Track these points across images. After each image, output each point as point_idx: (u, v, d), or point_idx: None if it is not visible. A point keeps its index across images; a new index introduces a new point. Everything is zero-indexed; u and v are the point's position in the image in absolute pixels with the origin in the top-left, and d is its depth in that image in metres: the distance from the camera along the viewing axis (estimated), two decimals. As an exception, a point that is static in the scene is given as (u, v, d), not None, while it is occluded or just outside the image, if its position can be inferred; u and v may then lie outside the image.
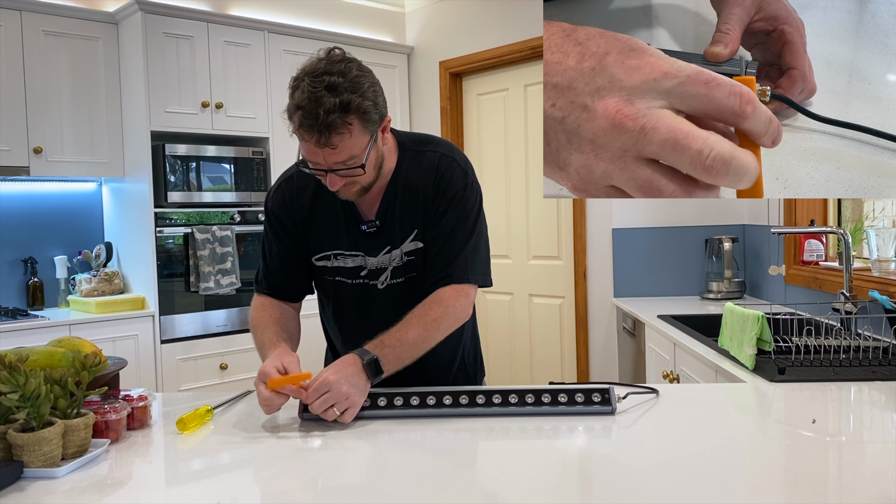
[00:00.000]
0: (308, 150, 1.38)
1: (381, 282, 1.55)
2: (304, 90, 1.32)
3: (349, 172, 1.39)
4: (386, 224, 1.53)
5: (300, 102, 1.32)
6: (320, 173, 1.41)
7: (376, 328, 1.46)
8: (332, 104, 1.31)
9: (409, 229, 1.53)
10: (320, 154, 1.36)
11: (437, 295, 1.48)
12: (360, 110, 1.34)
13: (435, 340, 1.46)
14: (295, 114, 1.34)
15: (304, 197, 1.58)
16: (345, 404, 1.31)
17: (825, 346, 1.80)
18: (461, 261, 1.50)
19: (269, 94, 3.92)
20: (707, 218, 3.52)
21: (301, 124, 1.33)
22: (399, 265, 1.54)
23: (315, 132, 1.32)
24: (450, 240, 1.50)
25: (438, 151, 1.54)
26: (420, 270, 1.54)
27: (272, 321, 1.56)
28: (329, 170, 1.38)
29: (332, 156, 1.36)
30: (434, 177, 1.51)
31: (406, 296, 1.53)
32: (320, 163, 1.38)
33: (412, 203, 1.52)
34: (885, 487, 1.00)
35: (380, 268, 1.54)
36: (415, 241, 1.53)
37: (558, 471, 1.14)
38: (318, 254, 1.58)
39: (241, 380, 3.74)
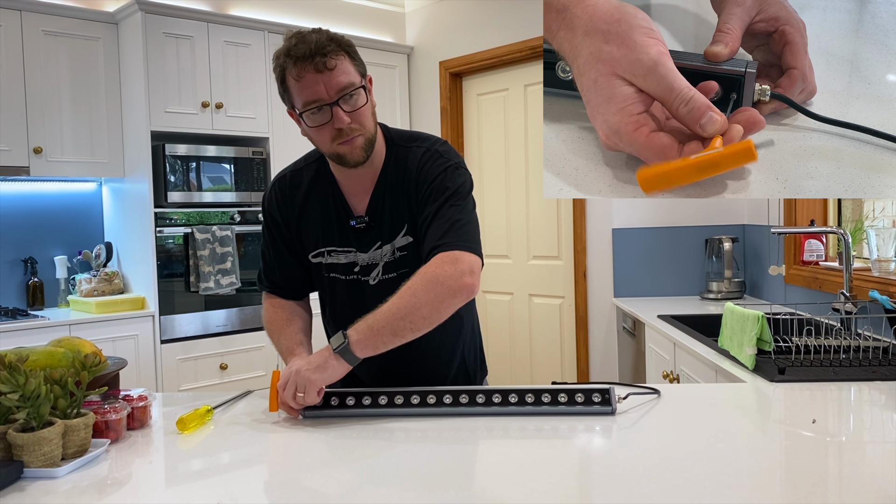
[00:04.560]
0: (306, 88, 1.39)
1: (373, 277, 1.55)
2: (290, 40, 1.39)
3: (353, 103, 1.41)
4: (376, 219, 1.53)
5: (290, 45, 1.38)
6: (323, 120, 1.41)
7: None
8: (323, 37, 1.38)
9: (399, 224, 1.53)
10: (321, 83, 1.38)
11: (421, 267, 1.42)
12: (345, 44, 1.41)
13: (417, 308, 1.36)
14: (287, 57, 1.38)
15: (297, 194, 1.58)
16: (302, 385, 1.33)
17: (825, 346, 1.80)
18: (451, 232, 1.43)
19: (269, 94, 3.91)
20: (707, 218, 3.52)
21: (296, 59, 1.37)
22: (391, 261, 1.54)
23: (309, 59, 1.36)
24: (437, 217, 1.46)
25: (423, 146, 1.54)
26: (412, 266, 1.53)
27: (285, 323, 1.59)
28: (333, 102, 1.39)
29: (332, 80, 1.38)
30: (418, 169, 1.51)
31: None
32: (322, 96, 1.39)
33: (400, 198, 1.53)
34: (885, 487, 1.00)
35: (371, 263, 1.54)
36: (406, 235, 1.53)
37: (558, 471, 1.14)
38: (313, 251, 1.58)
39: (241, 380, 3.74)
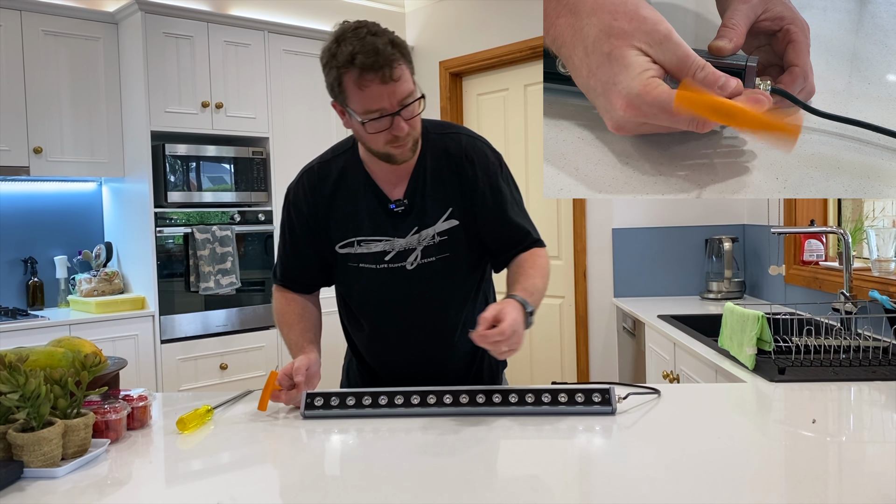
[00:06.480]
0: (370, 98, 1.38)
1: (410, 262, 1.54)
2: (351, 42, 1.37)
3: (411, 111, 1.42)
4: (415, 204, 1.54)
5: (354, 50, 1.36)
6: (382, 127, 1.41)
7: (408, 310, 1.54)
8: (385, 41, 1.38)
9: (441, 209, 1.53)
10: (385, 94, 1.38)
11: (532, 254, 1.55)
12: (403, 47, 1.41)
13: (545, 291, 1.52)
14: (351, 64, 1.36)
15: (325, 186, 1.57)
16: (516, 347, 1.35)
17: (825, 346, 1.80)
18: (527, 226, 1.59)
19: (269, 94, 3.91)
20: (707, 218, 3.52)
21: (363, 67, 1.35)
22: (430, 244, 1.54)
23: (378, 69, 1.35)
24: (509, 212, 1.56)
25: (462, 133, 1.59)
26: (456, 250, 1.55)
27: (296, 318, 1.61)
28: (395, 112, 1.40)
29: (397, 89, 1.38)
30: (468, 158, 1.55)
31: (439, 275, 1.55)
32: (385, 106, 1.39)
33: (446, 183, 1.54)
34: (885, 487, 1.00)
35: (408, 249, 1.54)
36: (449, 219, 1.54)
37: (558, 471, 1.14)
38: (340, 241, 1.57)
39: (241, 380, 3.74)
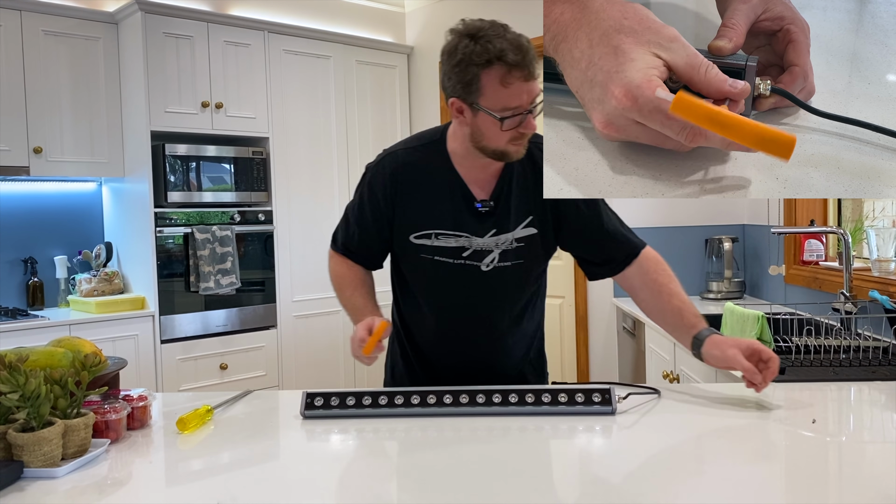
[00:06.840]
0: (513, 96, 1.39)
1: (486, 264, 1.55)
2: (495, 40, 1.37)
3: (538, 110, 1.43)
4: (499, 206, 1.54)
5: (502, 47, 1.37)
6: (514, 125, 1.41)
7: (480, 309, 1.56)
8: (522, 39, 1.40)
9: (523, 215, 1.54)
10: (525, 91, 1.39)
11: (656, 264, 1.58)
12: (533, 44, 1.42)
13: None
14: (499, 61, 1.36)
15: (408, 173, 1.57)
16: None
17: (825, 346, 1.80)
18: (626, 233, 1.61)
19: (269, 94, 3.91)
20: (707, 218, 3.52)
21: (511, 66, 1.36)
22: (508, 249, 1.55)
23: (525, 67, 1.37)
24: (607, 221, 1.60)
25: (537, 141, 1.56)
26: (530, 258, 1.56)
27: (360, 282, 1.65)
28: (527, 111, 1.41)
29: (534, 89, 1.40)
30: None
31: (513, 280, 1.56)
32: (522, 104, 1.40)
33: (529, 191, 1.54)
34: (885, 487, 1.00)
35: (485, 249, 1.54)
36: (529, 227, 1.55)
37: (558, 471, 1.14)
38: (417, 232, 1.56)
39: (241, 380, 3.74)
